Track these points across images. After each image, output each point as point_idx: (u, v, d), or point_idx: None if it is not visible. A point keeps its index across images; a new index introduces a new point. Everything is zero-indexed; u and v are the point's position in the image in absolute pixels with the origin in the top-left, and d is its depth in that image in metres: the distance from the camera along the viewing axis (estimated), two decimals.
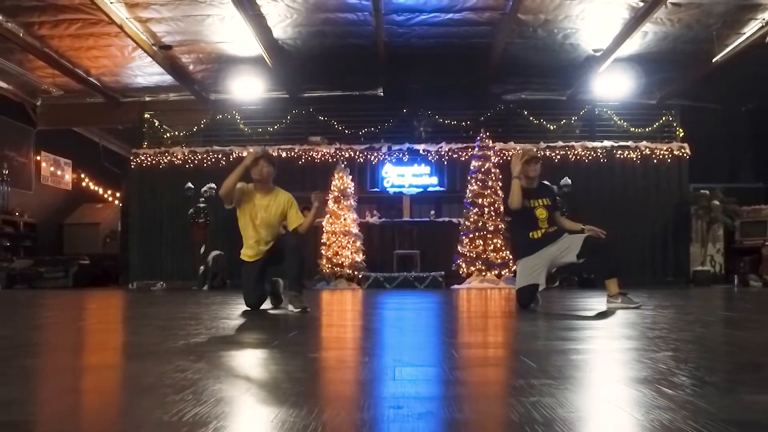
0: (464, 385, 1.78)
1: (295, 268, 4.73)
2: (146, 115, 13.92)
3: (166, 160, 13.26)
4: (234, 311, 4.80)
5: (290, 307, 4.66)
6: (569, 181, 12.21)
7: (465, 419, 1.37)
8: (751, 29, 10.92)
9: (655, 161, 13.02)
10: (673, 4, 10.20)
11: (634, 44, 11.82)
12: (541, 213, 5.00)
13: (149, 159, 13.29)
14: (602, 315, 4.29)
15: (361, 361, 2.29)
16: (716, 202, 12.30)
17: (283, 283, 5.19)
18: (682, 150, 13.03)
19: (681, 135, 13.27)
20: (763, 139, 13.99)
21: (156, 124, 13.85)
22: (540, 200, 5.03)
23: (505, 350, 2.66)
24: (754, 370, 2.02)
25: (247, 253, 4.96)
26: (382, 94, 14.40)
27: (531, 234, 4.97)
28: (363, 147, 13.17)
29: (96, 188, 18.21)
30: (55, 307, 6.31)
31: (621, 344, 2.66)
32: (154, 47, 12.00)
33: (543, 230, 4.97)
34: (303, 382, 1.79)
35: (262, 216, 4.82)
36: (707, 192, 12.58)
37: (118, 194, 17.50)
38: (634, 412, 1.37)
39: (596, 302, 5.76)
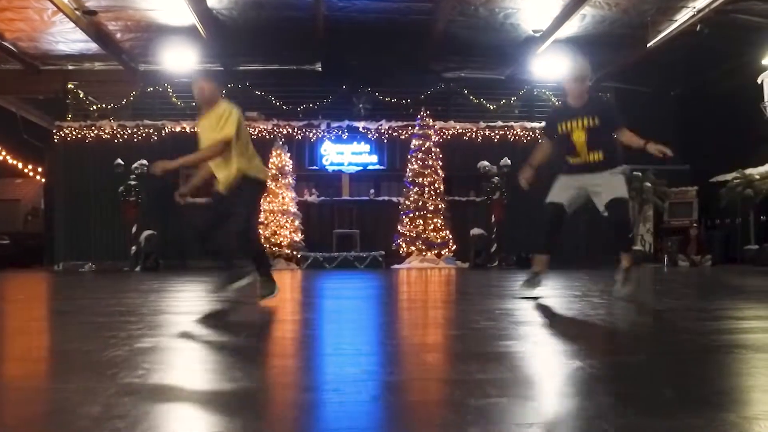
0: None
1: (252, 253, 4.40)
2: (70, 86, 13.07)
3: (93, 134, 12.55)
4: (174, 302, 4.52)
5: (258, 293, 4.38)
6: (509, 161, 12.33)
7: None
8: (683, 17, 11.21)
9: None
10: None
11: (573, 26, 11.95)
12: (579, 137, 4.26)
13: (75, 132, 12.55)
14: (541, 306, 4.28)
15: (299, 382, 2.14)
16: (648, 184, 12.70)
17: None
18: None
19: None
20: (689, 123, 14.52)
21: (81, 96, 13.03)
22: (580, 121, 4.26)
23: (444, 354, 2.58)
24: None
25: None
26: (320, 69, 14.05)
27: (567, 158, 4.37)
28: (301, 123, 12.87)
29: (15, 162, 17.10)
30: None
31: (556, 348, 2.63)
32: (76, 12, 11.21)
33: (581, 158, 4.30)
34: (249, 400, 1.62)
35: (201, 136, 4.27)
36: (640, 174, 12.96)
37: (40, 169, 16.49)
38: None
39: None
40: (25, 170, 17.31)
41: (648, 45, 12.20)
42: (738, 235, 12.87)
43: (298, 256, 11.59)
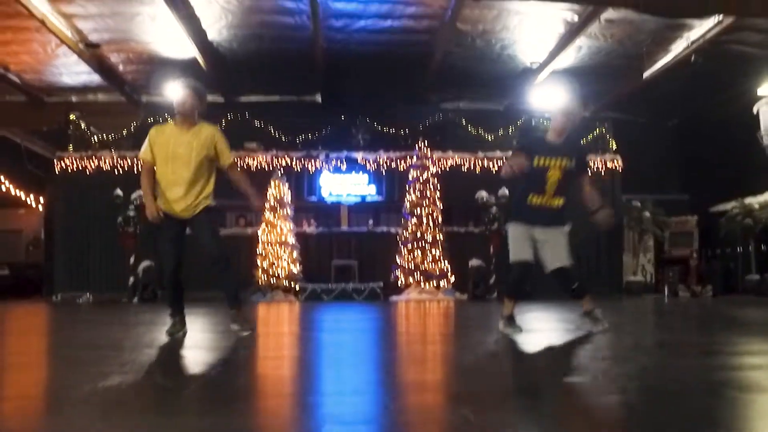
0: None
1: (231, 285, 4.38)
2: (72, 117, 13.21)
3: (93, 165, 12.63)
4: (160, 334, 4.47)
5: (234, 327, 4.36)
6: (507, 191, 12.31)
7: None
8: (677, 47, 11.31)
9: (589, 173, 13.27)
10: (606, 20, 10.44)
11: (569, 57, 12.05)
12: (554, 175, 4.16)
13: (75, 163, 12.62)
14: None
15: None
16: (647, 214, 12.68)
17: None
18: (615, 162, 13.36)
19: (614, 147, 13.62)
20: (687, 153, 14.55)
21: (83, 126, 13.16)
22: (559, 160, 4.16)
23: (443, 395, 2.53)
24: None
25: (162, 201, 4.24)
26: (320, 100, 14.18)
27: (530, 197, 4.25)
28: (300, 154, 12.92)
29: (18, 192, 17.18)
30: None
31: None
32: (80, 45, 11.39)
33: (545, 198, 4.21)
34: None
35: (182, 152, 4.14)
36: (639, 204, 12.94)
37: (42, 199, 16.57)
38: None
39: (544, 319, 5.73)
40: (28, 200, 17.39)
41: (644, 75, 12.28)
42: (739, 264, 12.77)
43: (296, 287, 11.53)
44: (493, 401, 2.09)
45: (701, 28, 10.57)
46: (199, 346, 3.93)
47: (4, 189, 16.65)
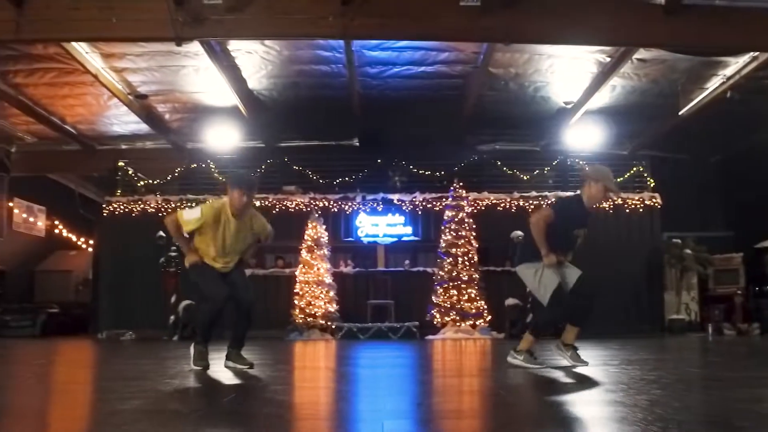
0: None
1: (245, 329, 4.67)
2: (120, 163, 13.87)
3: (139, 208, 13.17)
4: (187, 366, 4.59)
5: (231, 364, 4.56)
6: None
7: None
8: (713, 84, 11.24)
9: (627, 211, 13.16)
10: (638, 59, 10.50)
11: (604, 97, 12.10)
12: (579, 240, 4.67)
13: (122, 207, 13.19)
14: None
15: None
16: (688, 251, 12.42)
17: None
18: (654, 200, 13.19)
19: (652, 185, 13.46)
20: (731, 190, 14.25)
21: (130, 172, 13.78)
22: (584, 230, 4.68)
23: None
24: None
25: (205, 259, 4.61)
26: (357, 144, 14.51)
27: (559, 255, 4.56)
28: (337, 197, 13.19)
29: (70, 235, 17.99)
30: None
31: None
32: (129, 96, 12.05)
33: (567, 258, 4.63)
34: None
35: (234, 237, 4.52)
36: (679, 241, 12.70)
37: (91, 241, 17.29)
38: None
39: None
40: (79, 242, 18.17)
41: (680, 113, 12.21)
42: None
43: (333, 326, 11.64)
44: (531, 429, 2.13)
45: (737, 64, 10.53)
46: (227, 377, 4.07)
47: (57, 232, 17.48)
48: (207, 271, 4.55)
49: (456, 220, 11.97)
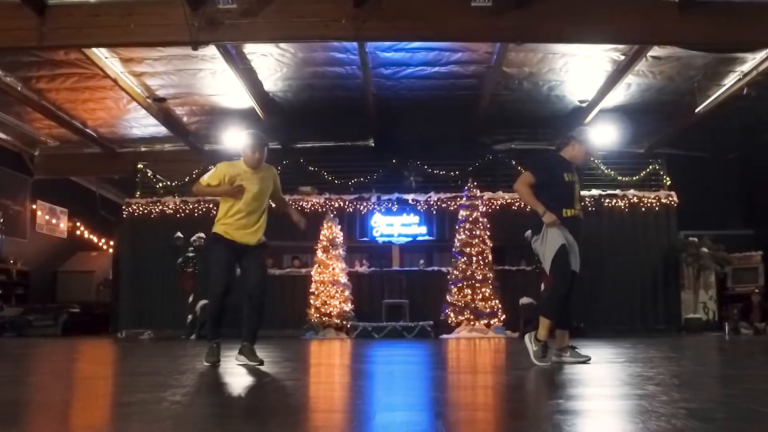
0: None
1: (257, 324, 4.65)
2: (140, 165, 14.11)
3: (157, 210, 13.38)
4: (200, 363, 4.65)
5: (242, 359, 4.54)
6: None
7: None
8: (730, 81, 11.16)
9: (643, 209, 13.07)
10: (653, 57, 10.46)
11: (619, 95, 12.06)
12: (577, 189, 4.42)
13: (141, 208, 13.42)
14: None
15: None
16: (705, 250, 12.32)
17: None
18: (670, 198, 13.09)
19: (668, 183, 13.36)
20: (750, 187, 14.09)
21: (149, 174, 14.02)
22: (575, 174, 4.45)
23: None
24: None
25: (226, 229, 4.55)
26: (372, 144, 14.60)
27: (564, 211, 4.33)
28: (352, 197, 13.28)
29: (91, 236, 18.32)
30: (10, 358, 6.24)
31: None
32: (148, 100, 12.28)
33: (576, 211, 4.36)
34: None
35: (253, 187, 4.55)
36: (696, 239, 12.60)
37: (112, 242, 17.59)
38: None
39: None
40: (100, 243, 18.50)
41: (697, 110, 12.12)
42: None
43: (348, 325, 11.75)
44: (546, 419, 2.18)
45: (753, 61, 10.44)
46: (238, 372, 4.15)
47: (78, 233, 17.81)
48: (219, 260, 4.56)
49: (470, 219, 12.00)
